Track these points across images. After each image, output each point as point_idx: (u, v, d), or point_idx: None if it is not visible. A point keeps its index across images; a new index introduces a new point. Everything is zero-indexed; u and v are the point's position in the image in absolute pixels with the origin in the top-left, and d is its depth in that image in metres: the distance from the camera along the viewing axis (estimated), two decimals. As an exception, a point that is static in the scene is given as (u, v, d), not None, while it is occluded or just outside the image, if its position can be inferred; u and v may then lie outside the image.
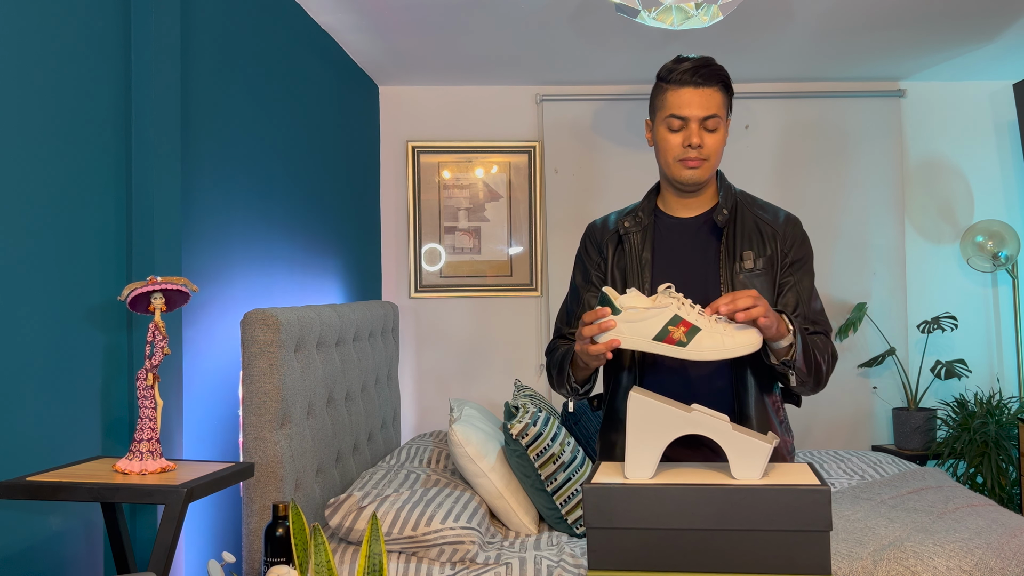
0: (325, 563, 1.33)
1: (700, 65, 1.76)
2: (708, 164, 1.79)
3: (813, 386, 1.77)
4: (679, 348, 1.50)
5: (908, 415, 4.15)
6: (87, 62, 1.90)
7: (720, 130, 1.78)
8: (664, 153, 1.81)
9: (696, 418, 1.44)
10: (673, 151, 1.79)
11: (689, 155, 1.77)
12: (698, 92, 1.76)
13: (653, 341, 1.51)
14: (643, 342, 1.51)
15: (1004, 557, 2.39)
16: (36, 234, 1.74)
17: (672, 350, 1.51)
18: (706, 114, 1.76)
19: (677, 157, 1.78)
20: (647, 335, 1.51)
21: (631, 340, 1.52)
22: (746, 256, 1.79)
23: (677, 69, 1.77)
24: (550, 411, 3.17)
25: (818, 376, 1.75)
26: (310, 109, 3.27)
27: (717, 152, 1.79)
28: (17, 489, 1.60)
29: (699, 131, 1.76)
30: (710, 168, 1.80)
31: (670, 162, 1.80)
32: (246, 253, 2.66)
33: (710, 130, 1.77)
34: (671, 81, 1.78)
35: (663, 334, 1.50)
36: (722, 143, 1.79)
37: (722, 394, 1.79)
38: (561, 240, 4.35)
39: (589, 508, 1.38)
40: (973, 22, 3.50)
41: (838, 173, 4.40)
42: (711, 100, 1.76)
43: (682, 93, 1.76)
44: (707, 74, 1.76)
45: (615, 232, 1.89)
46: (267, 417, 2.33)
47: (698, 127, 1.76)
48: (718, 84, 1.77)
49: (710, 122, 1.76)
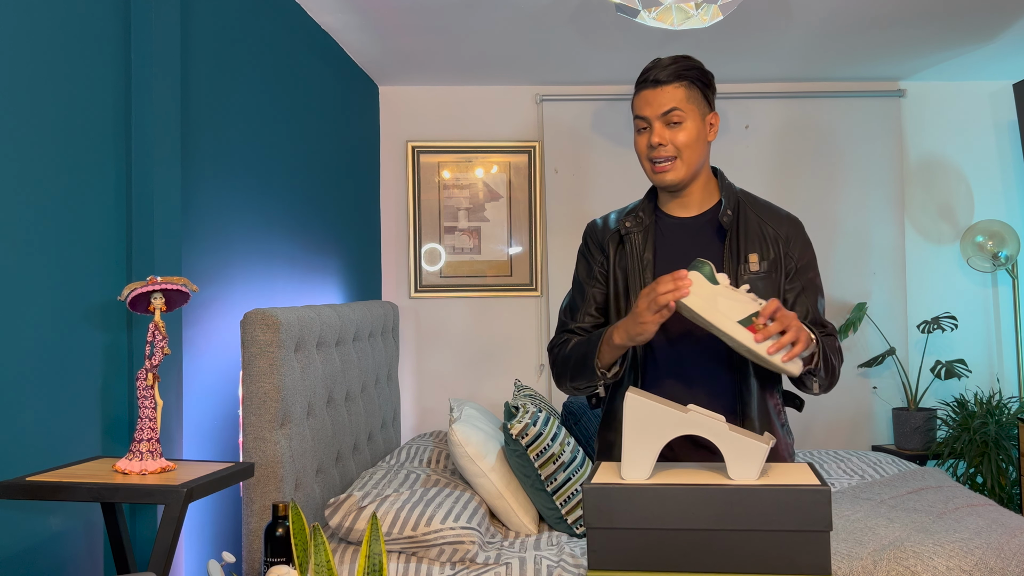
0: (325, 563, 1.33)
1: (666, 64, 1.77)
2: (679, 162, 1.77)
3: (828, 387, 1.79)
4: (750, 338, 1.53)
5: (908, 415, 4.15)
6: (87, 62, 1.91)
7: (686, 123, 1.76)
8: (639, 157, 1.84)
9: (693, 419, 1.44)
10: (642, 153, 1.81)
11: (654, 155, 1.78)
12: (655, 91, 1.77)
13: (737, 323, 1.54)
14: (723, 319, 1.54)
15: (1004, 557, 2.39)
16: (36, 234, 1.74)
17: (747, 337, 1.53)
18: (663, 110, 1.76)
19: (647, 158, 1.80)
20: (732, 316, 1.54)
21: (710, 311, 1.54)
22: (751, 259, 1.79)
23: (645, 71, 1.80)
24: (550, 411, 3.17)
25: (833, 377, 1.79)
26: (310, 109, 3.27)
27: (688, 147, 1.77)
28: (17, 489, 1.60)
29: (660, 129, 1.77)
30: (683, 167, 1.78)
31: (644, 165, 1.82)
32: (246, 253, 2.66)
33: (674, 123, 1.76)
34: (637, 84, 1.82)
35: (747, 321, 1.54)
36: (692, 139, 1.77)
37: (725, 396, 1.79)
38: (561, 240, 4.35)
39: (589, 508, 1.38)
40: (973, 22, 3.50)
41: (838, 173, 4.40)
42: (670, 96, 1.76)
43: (642, 95, 1.80)
44: (670, 72, 1.76)
45: (616, 232, 1.88)
46: (267, 417, 2.33)
47: (660, 125, 1.77)
48: (677, 80, 1.76)
49: (673, 115, 1.76)
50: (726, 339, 1.57)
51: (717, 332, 1.57)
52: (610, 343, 1.72)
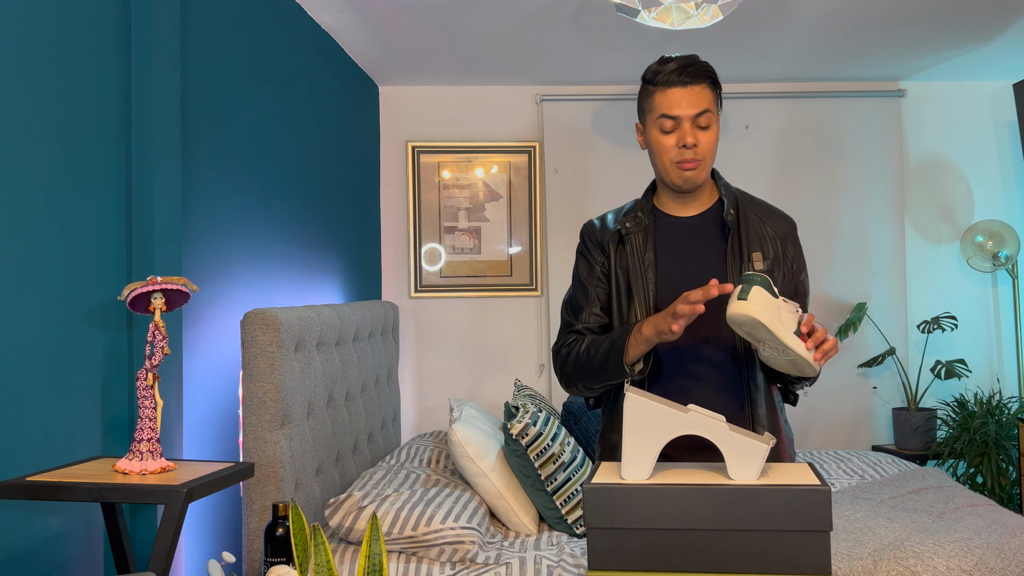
0: (325, 563, 1.33)
1: (686, 64, 1.75)
2: (704, 164, 1.78)
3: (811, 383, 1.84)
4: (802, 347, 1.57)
5: (908, 415, 4.15)
6: (87, 62, 1.91)
7: (712, 127, 1.77)
8: (659, 156, 1.79)
9: (693, 419, 1.44)
10: (668, 153, 1.77)
11: (685, 156, 1.76)
12: (687, 91, 1.75)
13: (793, 334, 1.58)
14: (784, 331, 1.57)
15: (1004, 557, 2.39)
16: (36, 234, 1.74)
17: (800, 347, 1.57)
18: (697, 111, 1.75)
19: (673, 159, 1.77)
20: (790, 327, 1.58)
21: (776, 325, 1.56)
22: (755, 257, 1.79)
23: (663, 70, 1.76)
24: (550, 411, 3.17)
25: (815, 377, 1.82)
26: (310, 109, 3.27)
27: (711, 150, 1.78)
28: (17, 489, 1.60)
29: (692, 129, 1.75)
30: (705, 168, 1.79)
31: (666, 165, 1.79)
32: (246, 253, 2.66)
33: (703, 127, 1.76)
34: (658, 83, 1.77)
35: (798, 331, 1.59)
36: (715, 140, 1.78)
37: (733, 390, 1.79)
38: (561, 240, 4.35)
39: (589, 508, 1.38)
40: (973, 22, 3.50)
41: (838, 173, 4.40)
42: (701, 97, 1.75)
43: (670, 93, 1.75)
44: (694, 72, 1.75)
45: (616, 232, 1.87)
46: (267, 417, 2.33)
47: (691, 126, 1.75)
48: (706, 81, 1.76)
49: (702, 119, 1.75)
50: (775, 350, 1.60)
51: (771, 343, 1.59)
52: (637, 338, 1.71)
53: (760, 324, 1.55)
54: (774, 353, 1.61)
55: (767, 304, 1.56)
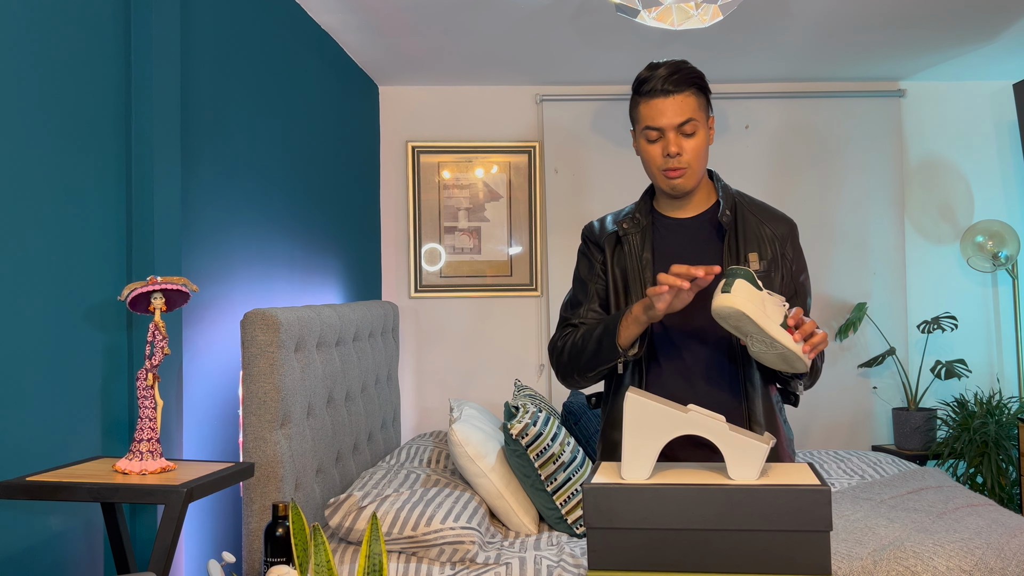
0: (325, 563, 1.33)
1: (670, 72, 1.76)
2: (690, 171, 1.79)
3: (809, 387, 1.86)
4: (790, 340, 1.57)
5: (908, 415, 4.15)
6: (87, 62, 1.91)
7: (698, 133, 1.78)
8: (647, 165, 1.83)
9: (692, 419, 1.44)
10: (655, 162, 1.80)
11: (670, 164, 1.78)
12: (670, 100, 1.75)
13: (780, 326, 1.58)
14: (770, 323, 1.57)
15: (1004, 557, 2.39)
16: (36, 234, 1.74)
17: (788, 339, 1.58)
18: (681, 119, 1.76)
19: (660, 167, 1.79)
20: (776, 320, 1.58)
21: (762, 317, 1.56)
22: (751, 258, 1.80)
23: (648, 79, 1.77)
24: (550, 411, 3.17)
25: (816, 377, 1.86)
26: (310, 109, 3.27)
27: (698, 157, 1.79)
28: (17, 489, 1.60)
29: (676, 138, 1.76)
30: (694, 174, 1.80)
31: (654, 173, 1.82)
32: (246, 253, 2.66)
33: (688, 135, 1.77)
34: (643, 93, 1.79)
35: (784, 324, 1.59)
36: (703, 146, 1.79)
37: (730, 390, 1.79)
38: (561, 240, 4.35)
39: (589, 508, 1.38)
40: (973, 22, 3.50)
41: (838, 173, 4.40)
42: (684, 105, 1.76)
43: (654, 104, 1.77)
44: (679, 79, 1.75)
45: (614, 234, 1.89)
46: (267, 417, 2.33)
47: (675, 135, 1.76)
48: (690, 88, 1.77)
49: (687, 127, 1.76)
50: (763, 343, 1.59)
51: (758, 336, 1.59)
52: (628, 319, 1.73)
53: (744, 316, 1.55)
54: (762, 347, 1.61)
55: (751, 296, 1.56)
